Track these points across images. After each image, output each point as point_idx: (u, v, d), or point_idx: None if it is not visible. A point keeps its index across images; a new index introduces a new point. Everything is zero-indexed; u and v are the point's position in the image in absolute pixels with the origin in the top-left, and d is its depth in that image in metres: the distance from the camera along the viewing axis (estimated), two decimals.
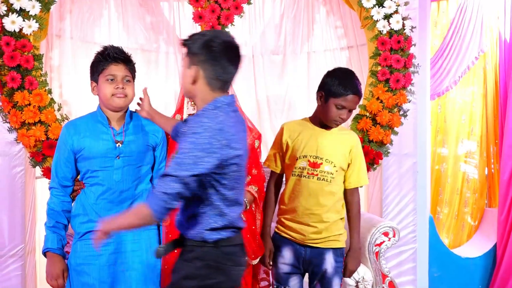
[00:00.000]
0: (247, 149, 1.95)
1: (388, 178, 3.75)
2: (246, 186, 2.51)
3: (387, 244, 3.11)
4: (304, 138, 2.57)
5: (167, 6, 4.19)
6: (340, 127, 2.64)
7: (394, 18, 3.49)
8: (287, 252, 2.58)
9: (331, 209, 2.53)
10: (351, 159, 2.56)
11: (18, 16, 3.01)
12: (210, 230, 1.90)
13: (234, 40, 1.97)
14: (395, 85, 3.49)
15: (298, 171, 2.55)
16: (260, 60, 4.37)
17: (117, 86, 2.34)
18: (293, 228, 2.56)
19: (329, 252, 2.54)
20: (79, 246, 2.36)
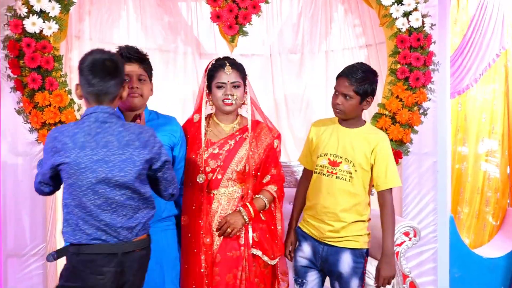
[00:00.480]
0: (85, 160, 1.99)
1: (408, 177, 3.71)
2: (265, 185, 2.50)
3: (407, 244, 3.07)
4: (326, 136, 2.57)
5: (185, 6, 4.21)
6: (371, 127, 2.63)
7: (413, 16, 3.44)
8: (306, 246, 2.58)
9: (350, 210, 2.51)
10: (374, 159, 2.50)
11: (38, 18, 3.04)
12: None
13: (105, 55, 2.08)
14: (415, 83, 3.45)
15: (319, 168, 2.55)
16: (277, 59, 4.36)
17: (131, 86, 2.34)
18: (313, 225, 2.57)
19: (346, 252, 2.51)
20: None
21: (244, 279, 2.40)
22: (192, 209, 2.44)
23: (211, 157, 2.46)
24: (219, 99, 2.48)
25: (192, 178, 2.46)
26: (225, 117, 2.55)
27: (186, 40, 4.24)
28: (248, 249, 2.42)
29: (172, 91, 4.16)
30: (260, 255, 2.44)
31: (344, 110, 2.50)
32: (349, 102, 2.48)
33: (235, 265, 2.40)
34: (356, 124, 2.58)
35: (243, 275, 2.40)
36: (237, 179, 2.46)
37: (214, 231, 2.43)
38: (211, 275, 2.39)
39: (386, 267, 2.50)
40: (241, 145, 2.49)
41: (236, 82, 2.47)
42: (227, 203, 2.46)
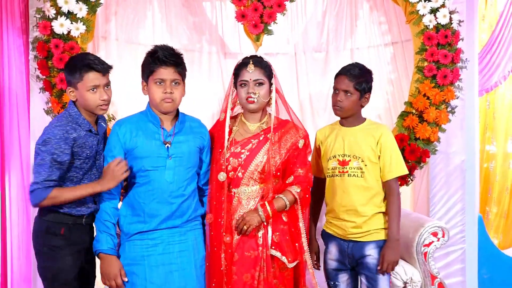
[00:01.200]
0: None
1: (436, 176, 3.67)
2: (288, 186, 2.49)
3: (436, 245, 3.02)
4: (332, 139, 2.66)
5: (210, 6, 4.21)
6: (372, 122, 2.69)
7: (441, 12, 3.40)
8: (333, 247, 2.64)
9: (368, 204, 2.56)
10: (380, 150, 2.57)
11: (66, 19, 3.08)
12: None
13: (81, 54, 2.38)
14: (443, 81, 3.40)
15: (331, 171, 2.63)
16: (302, 57, 4.33)
17: (165, 91, 2.32)
18: (335, 225, 2.64)
19: (371, 245, 2.56)
20: (127, 247, 2.36)
21: (262, 280, 2.38)
22: (214, 207, 2.44)
23: (233, 155, 2.45)
24: (242, 98, 2.47)
25: (215, 177, 2.45)
26: (251, 116, 2.53)
27: (211, 39, 4.24)
28: (266, 250, 2.39)
29: (197, 91, 4.17)
30: (278, 256, 2.41)
31: (344, 107, 2.59)
32: (350, 98, 2.58)
33: (253, 265, 2.37)
34: (357, 122, 2.66)
35: (261, 275, 2.37)
36: (258, 179, 2.45)
37: (233, 229, 2.43)
38: (230, 273, 2.38)
39: (391, 252, 2.53)
40: (263, 145, 2.47)
41: (259, 80, 2.45)
42: (247, 202, 2.44)
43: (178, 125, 2.41)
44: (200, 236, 2.45)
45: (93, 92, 2.33)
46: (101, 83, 2.34)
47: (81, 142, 2.35)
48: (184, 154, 2.38)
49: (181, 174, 2.36)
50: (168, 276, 2.33)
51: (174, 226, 2.37)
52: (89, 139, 2.39)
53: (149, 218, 2.33)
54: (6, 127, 3.33)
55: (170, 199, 2.34)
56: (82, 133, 2.35)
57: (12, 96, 3.34)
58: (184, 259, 2.36)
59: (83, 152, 2.36)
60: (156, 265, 2.33)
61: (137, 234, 2.35)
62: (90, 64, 2.32)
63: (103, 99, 2.35)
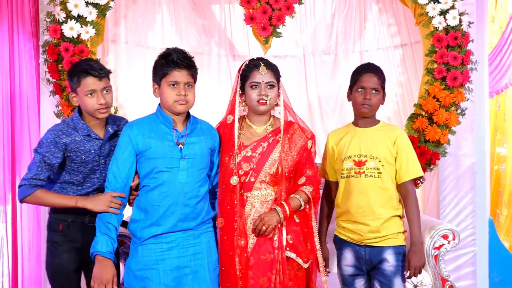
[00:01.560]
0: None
1: (446, 179, 3.64)
2: (300, 186, 2.48)
3: (446, 248, 3.00)
4: (347, 140, 2.62)
5: (218, 9, 4.22)
6: (384, 124, 2.66)
7: (450, 14, 3.38)
8: (348, 254, 2.59)
9: (385, 205, 2.53)
10: (397, 151, 2.55)
11: (76, 23, 3.09)
12: None
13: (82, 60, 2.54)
14: (452, 83, 3.37)
15: (346, 172, 2.59)
16: (311, 60, 4.33)
17: (179, 93, 2.32)
18: (350, 229, 2.57)
19: (388, 250, 2.51)
20: (141, 251, 2.33)
21: (278, 282, 2.37)
22: (226, 211, 2.43)
23: (244, 160, 2.44)
24: (253, 99, 2.45)
25: (226, 181, 2.44)
26: (257, 119, 2.52)
27: (220, 42, 4.25)
28: (282, 252, 2.38)
29: (206, 93, 4.18)
30: (294, 258, 2.40)
31: (373, 105, 2.57)
32: (377, 96, 2.57)
33: (269, 268, 2.36)
34: (372, 122, 2.63)
35: (277, 278, 2.36)
36: (270, 182, 2.43)
37: (248, 233, 2.41)
38: (246, 278, 2.36)
39: (416, 256, 2.51)
40: (274, 148, 2.45)
41: (271, 82, 2.45)
42: (260, 205, 2.43)
43: (189, 126, 2.41)
44: (212, 238, 2.44)
45: (90, 97, 2.40)
46: (98, 87, 2.40)
47: (74, 147, 2.41)
48: (197, 155, 2.37)
49: (194, 175, 2.35)
50: (182, 279, 2.32)
51: (188, 229, 2.35)
52: (87, 144, 2.43)
53: (163, 220, 2.31)
54: (17, 129, 3.35)
55: (184, 200, 2.33)
56: (78, 138, 2.42)
57: (23, 99, 3.37)
58: (197, 262, 2.35)
59: (77, 157, 2.42)
60: (171, 268, 2.31)
61: (151, 238, 2.32)
62: (87, 69, 2.39)
63: (101, 103, 2.40)
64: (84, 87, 2.38)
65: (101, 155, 2.47)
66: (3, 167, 3.32)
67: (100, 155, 2.46)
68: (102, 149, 2.47)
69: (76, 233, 2.46)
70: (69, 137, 2.41)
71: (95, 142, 2.45)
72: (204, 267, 2.36)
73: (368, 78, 2.57)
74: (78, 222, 2.45)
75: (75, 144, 2.41)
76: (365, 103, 2.55)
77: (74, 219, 2.46)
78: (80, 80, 2.38)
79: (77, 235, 2.46)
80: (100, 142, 2.46)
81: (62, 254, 2.45)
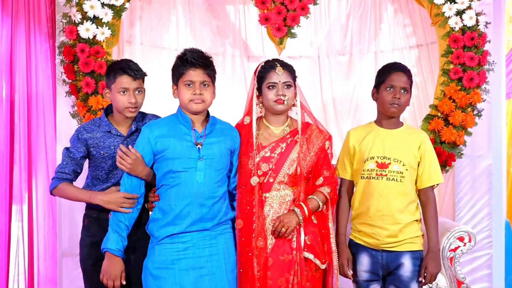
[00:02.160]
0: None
1: (461, 180, 3.61)
2: (318, 187, 2.47)
3: (462, 250, 2.97)
4: (370, 140, 2.56)
5: (233, 10, 4.23)
6: (407, 127, 2.62)
7: (467, 14, 3.35)
8: (364, 258, 2.54)
9: (405, 211, 2.48)
10: (421, 156, 2.51)
11: (92, 24, 3.12)
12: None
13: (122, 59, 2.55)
14: (469, 84, 3.34)
15: (367, 173, 2.53)
16: (326, 61, 4.32)
17: (194, 92, 2.33)
18: (367, 233, 2.52)
19: (406, 256, 2.48)
20: (157, 251, 2.34)
21: (296, 283, 2.37)
22: (245, 212, 2.43)
23: (263, 160, 2.44)
24: (270, 100, 2.45)
25: (245, 181, 2.44)
26: (275, 119, 2.52)
27: (234, 43, 4.26)
28: (300, 253, 2.38)
29: (220, 94, 4.17)
30: (312, 259, 2.40)
31: (402, 105, 2.52)
32: (406, 96, 2.53)
33: (287, 269, 2.36)
34: (396, 124, 2.58)
35: (295, 279, 2.36)
36: (288, 182, 2.43)
37: (267, 234, 2.41)
38: (264, 278, 2.36)
39: (433, 263, 2.48)
40: (293, 148, 2.45)
41: (288, 82, 2.45)
42: (279, 206, 2.43)
43: (208, 127, 2.41)
44: (230, 240, 2.43)
45: (123, 94, 2.46)
46: (131, 87, 2.46)
47: (93, 143, 2.49)
48: (215, 156, 2.37)
49: (211, 176, 2.35)
50: (198, 280, 2.31)
51: (204, 229, 2.35)
52: (107, 140, 2.49)
53: (179, 220, 2.32)
54: (33, 130, 3.38)
55: (201, 200, 2.33)
56: (99, 134, 2.50)
57: (39, 100, 3.40)
58: (214, 263, 2.34)
59: (97, 152, 2.49)
60: (187, 269, 2.31)
61: (168, 238, 2.33)
62: (124, 68, 2.47)
63: (131, 102, 2.46)
64: (118, 84, 2.46)
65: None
66: (19, 166, 3.35)
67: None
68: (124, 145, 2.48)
69: (97, 228, 2.50)
70: (90, 133, 2.50)
71: (116, 139, 2.50)
72: (221, 269, 2.35)
73: (398, 77, 2.52)
74: (101, 219, 2.49)
75: (94, 140, 2.49)
76: (394, 102, 2.50)
77: (98, 215, 2.50)
78: (116, 77, 2.46)
79: (98, 231, 2.49)
80: (122, 138, 2.50)
81: (82, 248, 2.56)
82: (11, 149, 3.33)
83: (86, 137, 2.49)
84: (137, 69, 2.50)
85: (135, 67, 2.50)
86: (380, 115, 2.60)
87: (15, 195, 3.35)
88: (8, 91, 3.31)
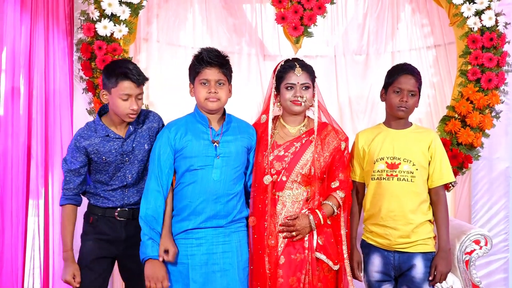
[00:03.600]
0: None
1: (478, 183, 3.59)
2: (333, 190, 2.47)
3: (478, 253, 2.95)
4: (379, 141, 2.57)
5: (249, 8, 4.23)
6: (416, 126, 2.62)
7: (486, 15, 3.32)
8: (376, 259, 2.54)
9: (417, 211, 2.48)
10: (431, 155, 2.51)
11: (109, 21, 3.14)
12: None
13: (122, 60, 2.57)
14: (487, 85, 3.31)
15: (377, 174, 2.53)
16: (342, 60, 4.30)
17: (209, 91, 2.37)
18: (379, 234, 2.52)
19: (418, 257, 2.47)
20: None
21: (307, 282, 2.37)
22: (258, 210, 2.44)
23: (276, 159, 2.45)
24: (287, 100, 2.46)
25: (258, 179, 2.45)
26: (292, 119, 2.52)
27: (250, 41, 4.26)
28: (312, 253, 2.39)
29: (236, 93, 4.18)
30: (324, 259, 2.40)
31: (410, 108, 2.52)
32: (414, 99, 2.53)
33: (299, 268, 2.38)
34: (405, 124, 2.59)
35: (306, 278, 2.37)
36: (302, 182, 2.44)
37: (278, 233, 2.42)
38: (275, 277, 2.37)
39: (443, 262, 2.47)
40: (307, 148, 2.46)
41: (306, 84, 2.45)
42: (292, 205, 2.44)
43: (225, 125, 2.44)
44: (244, 238, 2.46)
45: (124, 101, 2.41)
46: (134, 93, 2.42)
47: (93, 149, 2.46)
48: (232, 154, 2.40)
49: (228, 173, 2.38)
50: (210, 276, 2.35)
51: (218, 226, 2.39)
52: (107, 144, 2.48)
53: (193, 216, 2.36)
54: (50, 126, 3.43)
55: (215, 197, 2.36)
56: (97, 140, 2.47)
57: (56, 96, 3.44)
58: (227, 260, 2.37)
59: (99, 158, 2.47)
60: (200, 264, 2.35)
61: (182, 233, 2.38)
62: (127, 73, 2.40)
63: (132, 109, 2.42)
64: (121, 90, 2.40)
65: (123, 153, 2.49)
66: (36, 162, 3.40)
67: (123, 153, 2.49)
68: (124, 147, 2.49)
69: (105, 226, 2.52)
70: (87, 140, 2.46)
71: (115, 142, 2.49)
72: (233, 266, 2.38)
73: (406, 80, 2.51)
74: (108, 217, 2.52)
75: (94, 147, 2.46)
76: (401, 105, 2.50)
77: (103, 213, 2.52)
78: (118, 81, 2.40)
79: (106, 229, 2.52)
80: (121, 140, 2.50)
81: (86, 242, 2.55)
82: (29, 144, 3.38)
83: (85, 144, 2.45)
84: (140, 74, 2.44)
85: (137, 71, 2.43)
86: (389, 116, 2.62)
87: (32, 189, 3.40)
88: (27, 87, 3.36)
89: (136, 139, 2.52)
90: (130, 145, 2.51)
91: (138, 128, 2.53)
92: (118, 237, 2.52)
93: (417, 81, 2.53)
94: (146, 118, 2.57)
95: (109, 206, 2.51)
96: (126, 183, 2.51)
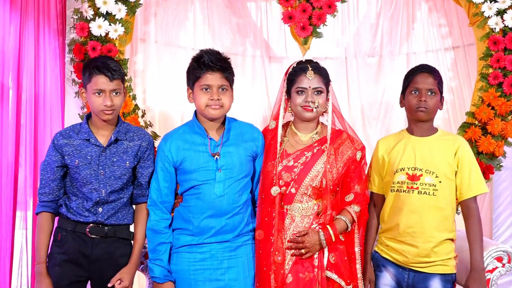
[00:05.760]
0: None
1: (500, 195, 3.59)
2: (348, 204, 2.44)
3: (500, 271, 2.91)
4: (400, 150, 2.53)
5: (254, 7, 4.24)
6: (443, 133, 2.57)
7: (508, 14, 3.31)
8: (388, 274, 2.52)
9: (438, 227, 2.44)
10: (457, 164, 2.46)
11: (104, 20, 3.14)
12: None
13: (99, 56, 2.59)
14: (510, 90, 3.30)
15: (397, 186, 2.49)
16: (353, 62, 4.31)
17: (211, 98, 2.34)
18: (395, 249, 2.50)
19: (435, 278, 2.43)
20: (175, 258, 2.41)
21: None
22: (264, 223, 2.42)
23: (285, 169, 2.42)
24: (298, 105, 2.43)
25: (266, 190, 2.43)
26: (304, 126, 2.50)
27: (255, 42, 4.26)
28: (322, 272, 2.36)
29: (240, 97, 4.18)
30: (335, 279, 2.37)
31: (430, 108, 2.48)
32: (434, 99, 2.49)
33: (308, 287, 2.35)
34: (430, 131, 2.55)
35: None
36: (312, 195, 2.41)
37: (286, 249, 2.40)
38: None
39: (475, 283, 2.43)
40: (319, 158, 2.43)
41: (318, 88, 2.43)
42: (301, 220, 2.41)
43: (225, 134, 2.42)
44: (252, 252, 2.45)
45: (98, 96, 2.40)
46: (107, 88, 2.40)
47: (69, 150, 2.44)
48: (235, 165, 2.39)
49: (232, 186, 2.37)
50: None
51: (224, 241, 2.38)
52: (84, 149, 2.45)
53: (197, 231, 2.37)
54: (40, 133, 3.41)
55: (220, 212, 2.36)
56: (76, 142, 2.45)
57: (47, 101, 3.42)
58: (232, 276, 2.37)
59: (72, 161, 2.43)
60: (203, 280, 2.35)
61: (185, 247, 2.39)
62: (100, 67, 2.40)
63: (106, 105, 2.40)
64: (93, 85, 2.40)
65: (100, 164, 2.44)
66: (25, 171, 3.39)
67: (99, 164, 2.45)
68: (102, 158, 2.45)
69: (73, 244, 2.43)
70: (66, 139, 2.45)
71: (94, 149, 2.45)
72: (239, 282, 2.38)
73: (423, 78, 2.50)
74: (78, 233, 2.44)
75: (70, 147, 2.44)
76: (420, 105, 2.47)
77: (74, 228, 2.44)
78: (91, 76, 2.40)
79: (74, 247, 2.43)
80: (100, 149, 2.46)
81: (53, 268, 2.44)
82: (17, 152, 3.36)
83: (62, 143, 2.44)
84: (115, 69, 2.42)
85: (113, 66, 2.42)
86: (410, 122, 2.58)
87: (20, 200, 3.38)
88: (15, 91, 3.34)
89: (119, 154, 2.47)
90: (109, 158, 2.46)
91: (122, 141, 2.48)
92: (87, 257, 2.43)
93: (436, 79, 2.50)
94: (136, 135, 2.53)
95: (79, 220, 2.44)
96: (99, 199, 2.44)
